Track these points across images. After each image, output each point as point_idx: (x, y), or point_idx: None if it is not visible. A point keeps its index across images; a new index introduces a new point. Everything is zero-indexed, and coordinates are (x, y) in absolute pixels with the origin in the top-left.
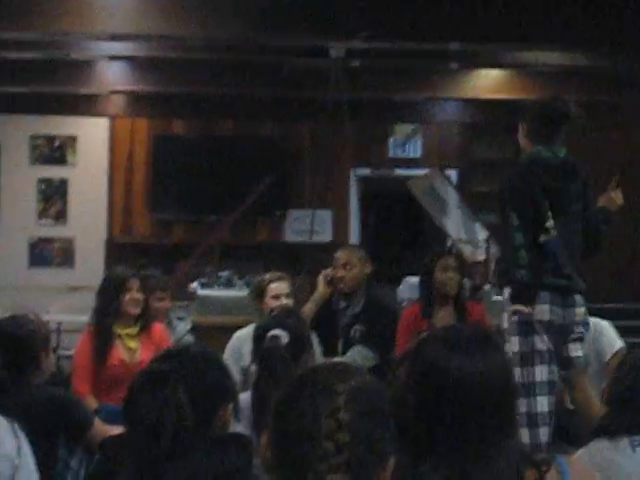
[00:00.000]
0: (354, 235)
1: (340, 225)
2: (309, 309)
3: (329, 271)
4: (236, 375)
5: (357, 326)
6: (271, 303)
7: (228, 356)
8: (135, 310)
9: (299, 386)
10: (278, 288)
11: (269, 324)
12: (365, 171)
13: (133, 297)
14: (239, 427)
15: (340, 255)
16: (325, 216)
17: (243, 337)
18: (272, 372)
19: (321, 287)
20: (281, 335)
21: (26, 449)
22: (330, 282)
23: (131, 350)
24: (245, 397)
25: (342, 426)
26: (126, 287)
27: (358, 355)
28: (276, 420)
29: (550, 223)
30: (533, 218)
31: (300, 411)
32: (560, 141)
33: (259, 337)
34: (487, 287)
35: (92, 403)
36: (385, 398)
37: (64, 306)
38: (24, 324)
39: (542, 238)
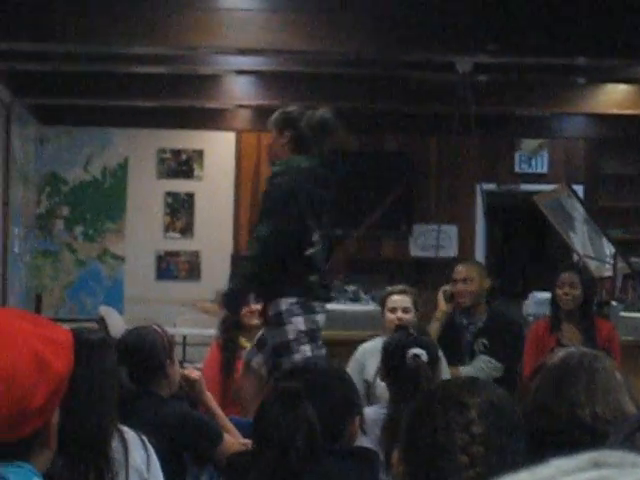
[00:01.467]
0: (480, 250)
1: (466, 240)
2: (434, 329)
3: (448, 287)
4: (360, 388)
5: (481, 339)
6: (388, 316)
7: (351, 368)
8: (252, 321)
9: (431, 401)
10: (397, 301)
11: (406, 342)
12: (491, 186)
13: (250, 308)
14: (365, 440)
15: (459, 270)
16: (450, 231)
17: (368, 350)
18: (418, 391)
19: (442, 304)
20: (421, 354)
21: (155, 463)
22: (450, 298)
23: None
24: (370, 411)
25: (475, 439)
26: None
27: (484, 364)
28: (409, 435)
29: (316, 236)
30: (301, 229)
31: (433, 426)
32: (317, 151)
33: (392, 353)
34: (614, 303)
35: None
36: (515, 411)
37: (190, 319)
38: (146, 335)
39: (309, 251)
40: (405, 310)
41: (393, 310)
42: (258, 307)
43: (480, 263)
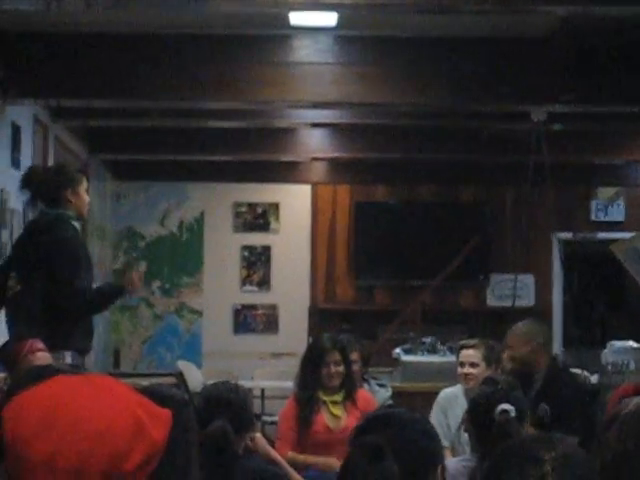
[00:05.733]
0: (557, 299)
1: (543, 289)
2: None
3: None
4: (444, 431)
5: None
6: (458, 369)
7: (435, 412)
8: (333, 383)
9: (507, 456)
10: (465, 355)
11: (496, 397)
12: (567, 235)
13: (330, 371)
14: None
15: (507, 334)
16: (527, 280)
17: (450, 395)
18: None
19: None
20: (511, 410)
21: None
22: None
23: (336, 417)
24: (451, 463)
25: None
26: (325, 361)
27: None
28: None
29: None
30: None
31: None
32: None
33: (480, 407)
34: None
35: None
36: (592, 466)
37: (268, 372)
38: (238, 389)
39: None
40: (472, 365)
41: (462, 364)
42: (336, 370)
43: (531, 325)
